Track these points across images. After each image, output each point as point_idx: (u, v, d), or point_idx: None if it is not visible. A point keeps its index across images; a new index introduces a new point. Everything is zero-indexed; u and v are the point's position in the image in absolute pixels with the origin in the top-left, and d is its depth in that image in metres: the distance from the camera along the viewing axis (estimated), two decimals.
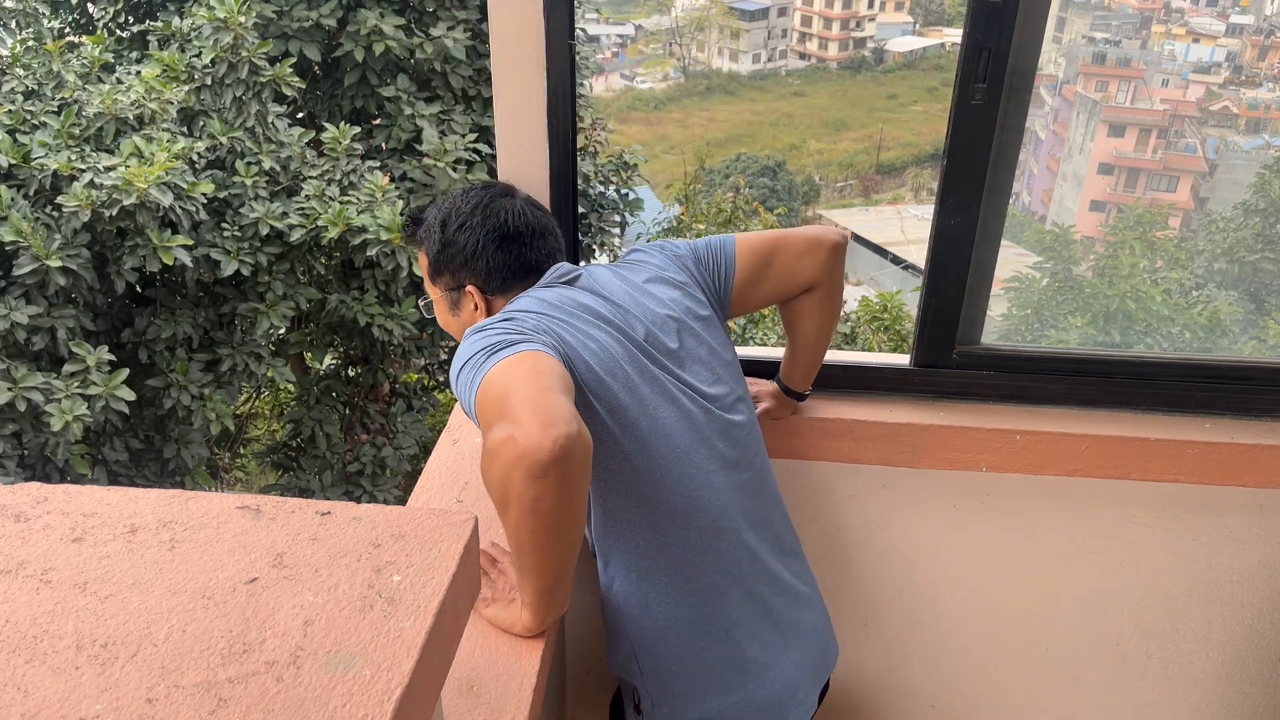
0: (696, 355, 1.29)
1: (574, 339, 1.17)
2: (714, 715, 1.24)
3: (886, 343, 7.26)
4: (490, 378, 1.05)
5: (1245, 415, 1.68)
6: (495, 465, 0.99)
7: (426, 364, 8.51)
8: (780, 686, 1.27)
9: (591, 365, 1.16)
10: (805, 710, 1.32)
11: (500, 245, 1.30)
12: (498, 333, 1.13)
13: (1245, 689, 1.91)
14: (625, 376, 1.19)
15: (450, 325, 1.38)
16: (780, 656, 1.28)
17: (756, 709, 1.25)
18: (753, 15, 19.93)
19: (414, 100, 6.44)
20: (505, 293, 1.31)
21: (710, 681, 1.23)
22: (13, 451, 5.07)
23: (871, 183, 19.31)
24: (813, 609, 1.38)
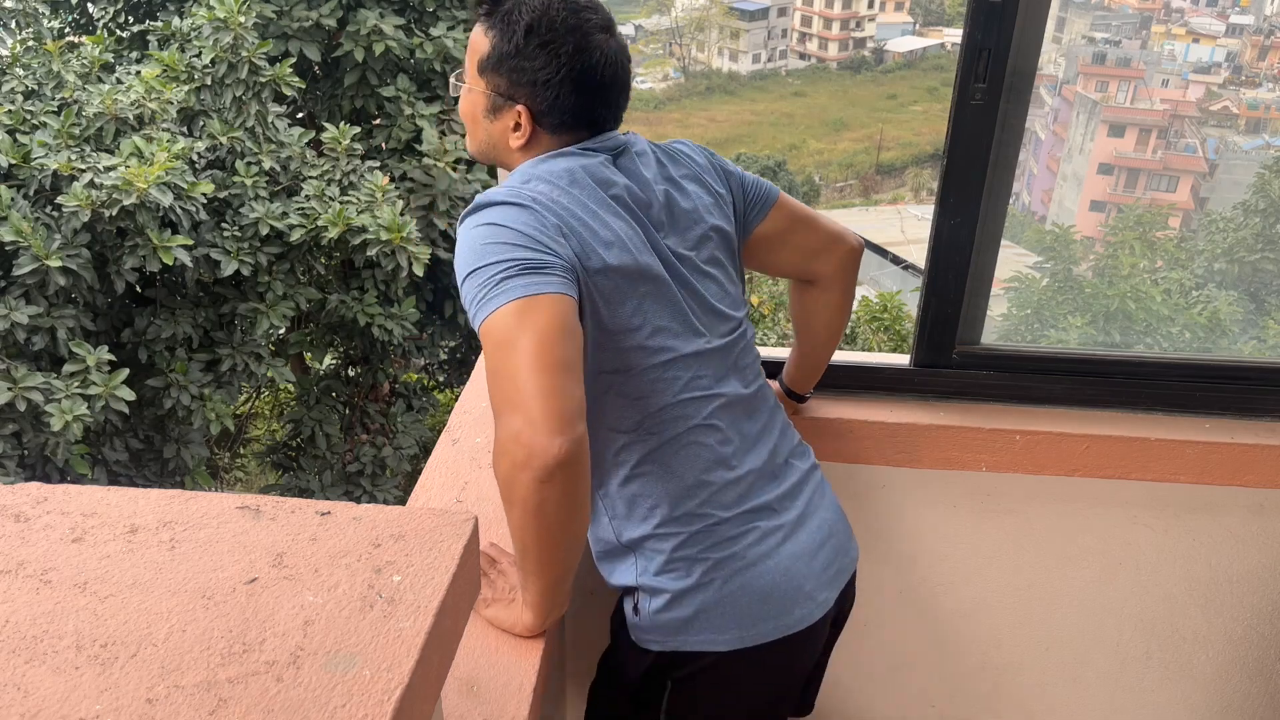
0: (710, 271, 1.23)
1: (592, 235, 1.10)
2: (710, 606, 1.18)
3: (886, 343, 7.26)
4: (502, 318, 1.00)
5: (1245, 415, 1.68)
6: (502, 463, 0.99)
7: (426, 364, 8.52)
8: (781, 577, 1.20)
9: (605, 258, 1.10)
10: (815, 606, 1.23)
11: (578, 89, 1.15)
12: (515, 237, 1.05)
13: (1245, 689, 1.91)
14: (636, 273, 1.13)
15: (475, 125, 1.22)
16: (781, 548, 1.22)
17: (756, 598, 1.19)
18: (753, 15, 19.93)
19: (414, 100, 6.44)
20: (557, 133, 1.18)
21: (705, 573, 1.18)
22: (13, 451, 5.07)
23: (871, 183, 19.32)
24: (824, 507, 1.31)
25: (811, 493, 1.31)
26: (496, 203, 1.09)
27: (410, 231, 5.67)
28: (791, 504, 1.26)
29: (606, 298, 1.11)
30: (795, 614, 1.21)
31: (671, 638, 1.19)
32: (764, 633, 1.19)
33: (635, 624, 1.22)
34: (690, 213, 1.23)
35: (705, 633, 1.18)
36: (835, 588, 1.28)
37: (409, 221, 5.70)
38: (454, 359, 8.43)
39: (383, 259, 5.70)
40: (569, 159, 1.16)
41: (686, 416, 1.18)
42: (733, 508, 1.20)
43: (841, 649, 1.92)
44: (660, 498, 1.18)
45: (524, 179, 1.13)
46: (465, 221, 1.10)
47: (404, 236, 5.62)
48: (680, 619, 1.18)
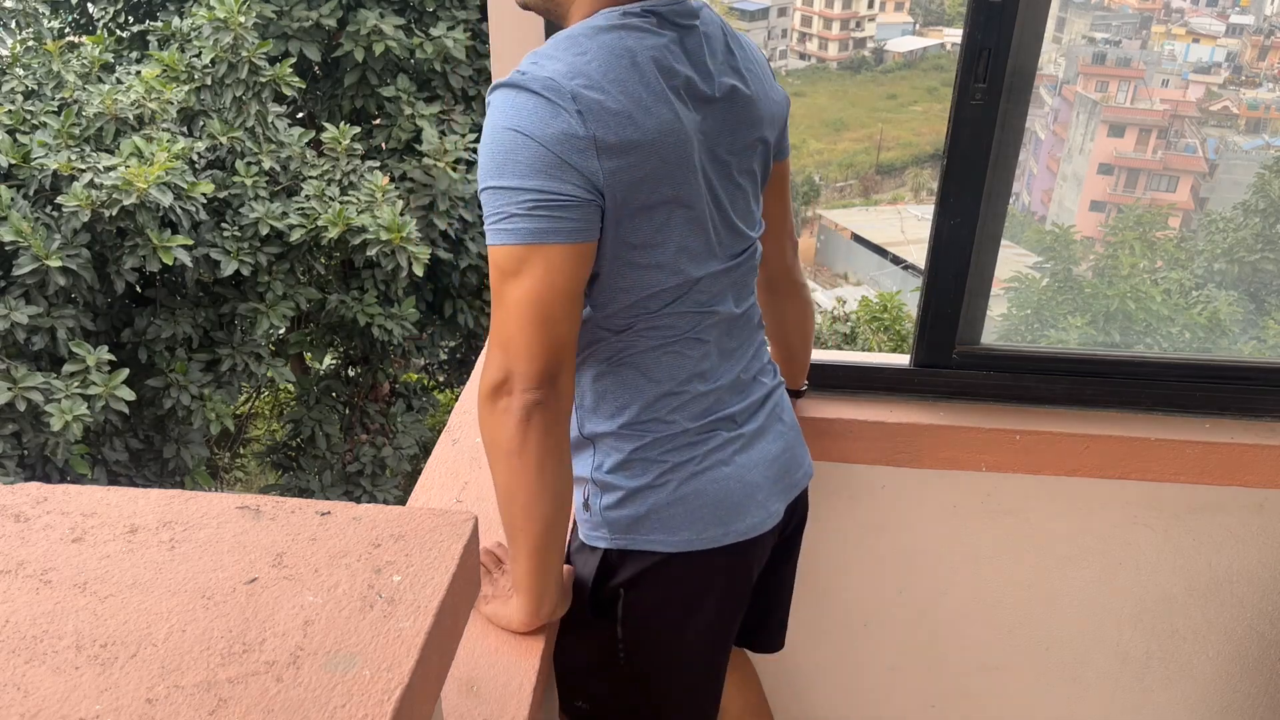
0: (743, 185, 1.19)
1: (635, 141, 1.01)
2: (661, 507, 1.17)
3: (886, 343, 7.26)
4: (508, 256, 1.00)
5: (1245, 415, 1.68)
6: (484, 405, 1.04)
7: (426, 364, 8.52)
8: (735, 484, 1.20)
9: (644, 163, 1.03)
10: (767, 516, 1.24)
11: None
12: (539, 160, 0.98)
13: (1245, 689, 1.91)
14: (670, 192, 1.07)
15: None
16: (737, 456, 1.22)
17: (708, 503, 1.18)
18: (753, 15, 19.92)
19: (414, 100, 6.45)
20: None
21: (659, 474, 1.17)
22: (13, 451, 5.07)
23: (871, 183, 19.31)
24: (781, 421, 1.31)
25: (773, 407, 1.30)
26: (532, 89, 0.99)
27: (410, 231, 5.67)
28: (753, 417, 1.26)
29: (632, 209, 1.05)
30: (746, 521, 1.21)
31: (621, 535, 1.18)
32: (714, 537, 1.19)
33: (585, 520, 1.21)
34: (746, 114, 1.15)
35: (655, 533, 1.18)
36: (786, 499, 1.29)
37: (409, 221, 5.70)
38: (454, 359, 8.43)
39: (383, 259, 5.70)
40: (632, 35, 1.04)
41: (677, 328, 1.16)
42: (699, 419, 1.19)
43: (842, 649, 1.93)
44: (630, 399, 1.17)
45: (575, 53, 1.02)
46: (497, 102, 1.01)
47: (404, 236, 5.62)
48: (631, 516, 1.17)
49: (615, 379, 1.17)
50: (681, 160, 1.07)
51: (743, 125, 1.16)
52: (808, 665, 1.94)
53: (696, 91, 1.09)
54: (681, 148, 1.06)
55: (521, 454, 1.02)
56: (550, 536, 1.09)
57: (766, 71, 1.23)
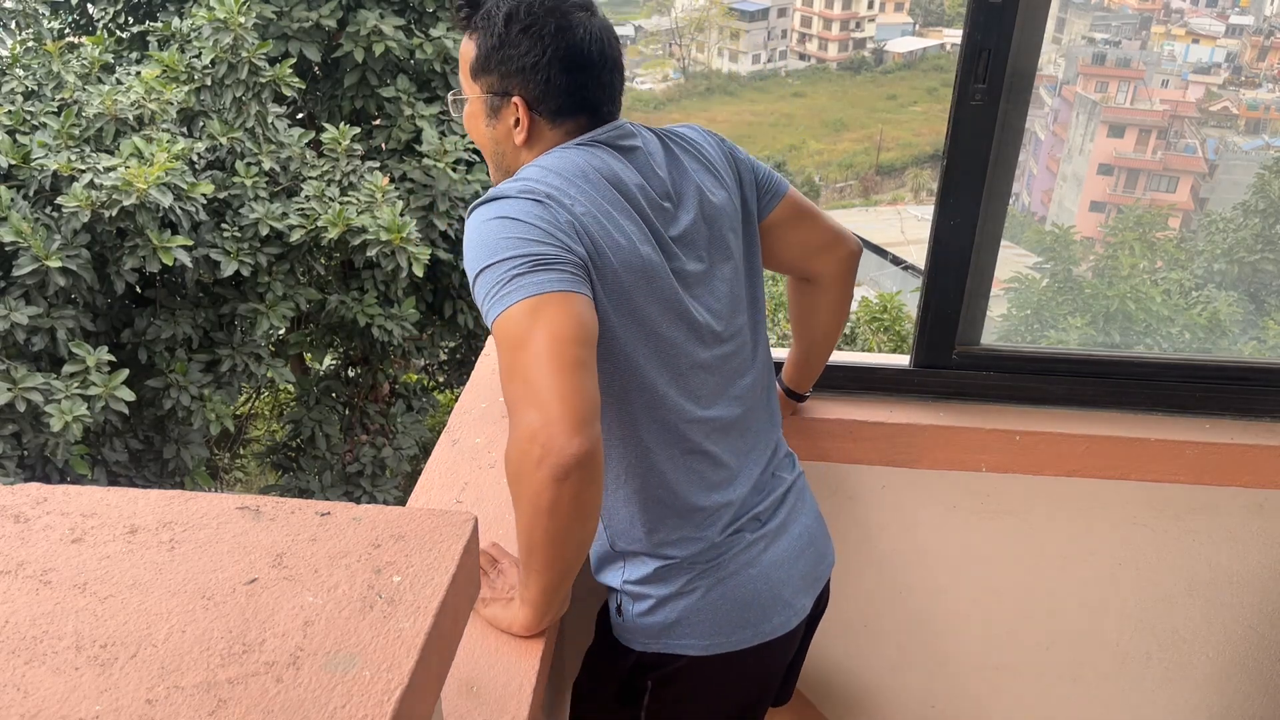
0: (718, 271, 1.21)
1: (604, 236, 1.08)
2: (691, 613, 1.20)
3: (886, 343, 7.26)
4: (515, 316, 0.99)
5: (1245, 415, 1.68)
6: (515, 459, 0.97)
7: (426, 364, 8.52)
8: (763, 585, 1.22)
9: (614, 265, 1.08)
10: (793, 614, 1.26)
11: (566, 69, 1.13)
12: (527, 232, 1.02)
13: (1245, 689, 1.91)
14: (642, 283, 1.11)
15: (480, 134, 1.21)
16: (763, 556, 1.24)
17: (736, 606, 1.21)
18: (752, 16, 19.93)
19: (414, 101, 6.44)
20: (556, 120, 1.16)
21: (688, 581, 1.20)
22: (12, 452, 5.07)
23: (871, 183, 19.32)
24: (804, 515, 1.33)
25: (795, 501, 1.33)
26: (509, 195, 1.06)
27: (410, 232, 5.67)
28: (775, 514, 1.28)
29: (615, 302, 1.09)
30: (774, 621, 1.24)
31: (654, 640, 1.21)
32: (743, 639, 1.22)
33: (619, 624, 1.24)
34: (702, 208, 1.20)
35: (686, 637, 1.20)
36: (812, 594, 1.32)
37: (409, 222, 5.70)
38: (454, 359, 8.43)
39: (383, 259, 5.70)
40: (578, 154, 1.13)
41: (686, 436, 1.18)
42: (725, 530, 1.22)
43: (842, 649, 1.93)
44: (657, 521, 1.20)
45: (537, 173, 1.10)
46: (476, 213, 1.07)
47: (404, 237, 5.62)
48: (663, 623, 1.20)
49: (642, 503, 1.19)
50: (650, 254, 1.12)
51: (700, 222, 1.20)
52: (808, 666, 1.94)
53: (647, 196, 1.15)
54: (645, 244, 1.12)
55: (553, 513, 0.98)
56: (568, 574, 1.10)
57: (716, 154, 1.27)
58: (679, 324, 1.15)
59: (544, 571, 1.08)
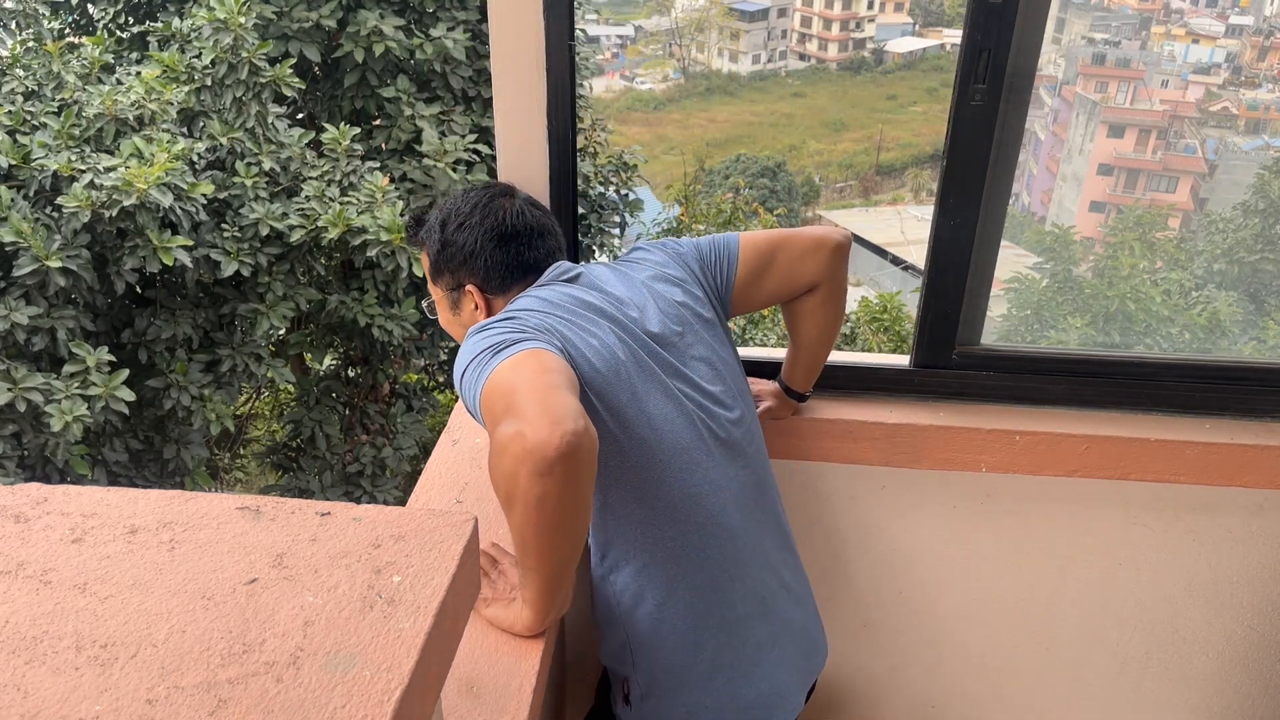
0: (696, 353, 1.29)
1: (576, 337, 1.17)
2: (699, 710, 1.25)
3: (886, 343, 7.26)
4: (495, 376, 1.06)
5: (1245, 416, 1.68)
6: (502, 461, 0.99)
7: (426, 364, 8.51)
8: (766, 686, 1.28)
9: (593, 363, 1.17)
10: (791, 710, 1.32)
11: (499, 244, 1.30)
12: (500, 331, 1.13)
13: (1245, 689, 1.91)
14: (626, 375, 1.19)
15: (452, 326, 1.39)
16: (769, 654, 1.28)
17: (743, 705, 1.26)
18: (752, 16, 19.94)
19: (414, 101, 6.44)
20: (505, 292, 1.32)
21: (699, 677, 1.24)
22: (13, 452, 5.07)
23: (871, 183, 19.32)
24: (803, 606, 1.38)
25: (798, 590, 1.38)
26: (496, 321, 1.18)
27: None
28: (774, 610, 1.32)
29: (597, 393, 1.16)
30: (775, 718, 1.30)
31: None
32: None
33: (626, 713, 1.29)
34: (664, 309, 1.29)
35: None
36: (807, 687, 1.37)
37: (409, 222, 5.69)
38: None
39: (383, 259, 5.70)
40: (531, 294, 1.27)
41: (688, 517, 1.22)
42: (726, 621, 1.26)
43: (842, 649, 1.93)
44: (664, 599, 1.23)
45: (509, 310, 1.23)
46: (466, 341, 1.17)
47: (404, 237, 5.62)
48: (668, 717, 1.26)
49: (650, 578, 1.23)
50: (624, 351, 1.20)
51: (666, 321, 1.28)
52: None
53: (609, 305, 1.25)
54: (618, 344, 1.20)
55: (541, 508, 1.00)
56: (565, 570, 1.12)
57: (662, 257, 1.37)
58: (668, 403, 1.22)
59: (540, 568, 1.09)
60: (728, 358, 1.34)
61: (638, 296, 1.29)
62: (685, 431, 1.22)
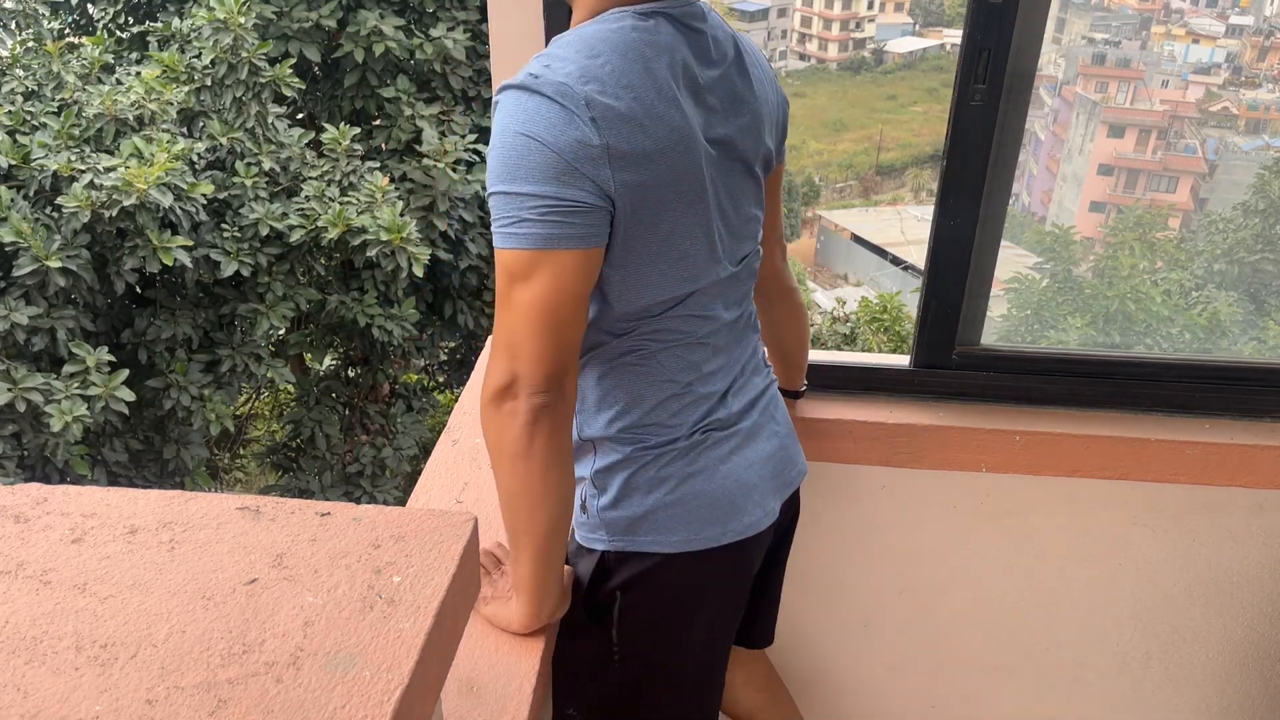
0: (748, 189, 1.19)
1: (642, 141, 1.01)
2: (660, 507, 1.17)
3: (886, 343, 7.26)
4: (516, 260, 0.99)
5: (1245, 416, 1.68)
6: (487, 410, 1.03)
7: (426, 364, 8.52)
8: (733, 484, 1.21)
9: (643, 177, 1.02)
10: (763, 515, 1.24)
11: None
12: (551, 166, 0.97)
13: (1245, 689, 1.91)
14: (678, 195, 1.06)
15: None
16: (734, 455, 1.22)
17: (706, 503, 1.19)
18: (752, 16, 19.92)
19: (414, 101, 6.45)
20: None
21: (656, 474, 1.18)
22: (12, 452, 5.08)
23: (871, 183, 19.31)
24: (776, 420, 1.31)
25: (765, 405, 1.30)
26: (546, 95, 0.98)
27: (410, 232, 5.67)
28: (746, 414, 1.26)
29: (640, 217, 1.04)
30: (744, 520, 1.21)
31: (619, 536, 1.18)
32: (712, 537, 1.19)
33: (582, 522, 1.21)
34: (753, 119, 1.15)
35: (652, 534, 1.18)
36: (781, 496, 1.29)
37: (409, 222, 5.70)
38: (454, 360, 8.43)
39: (383, 260, 5.70)
40: (638, 29, 1.03)
41: (678, 332, 1.16)
42: (697, 424, 1.19)
43: (842, 649, 1.93)
44: (632, 403, 1.16)
45: (589, 53, 1.01)
46: (507, 106, 1.00)
47: (404, 237, 5.62)
48: (628, 518, 1.17)
49: (617, 382, 1.16)
50: (690, 167, 1.06)
51: (749, 131, 1.16)
52: (807, 665, 1.94)
53: (706, 96, 1.09)
54: (690, 154, 1.06)
55: (527, 458, 1.02)
56: (553, 539, 1.09)
57: (770, 75, 1.23)
58: (703, 238, 1.11)
59: (529, 534, 1.07)
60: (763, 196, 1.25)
61: (740, 91, 1.14)
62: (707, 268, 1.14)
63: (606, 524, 1.18)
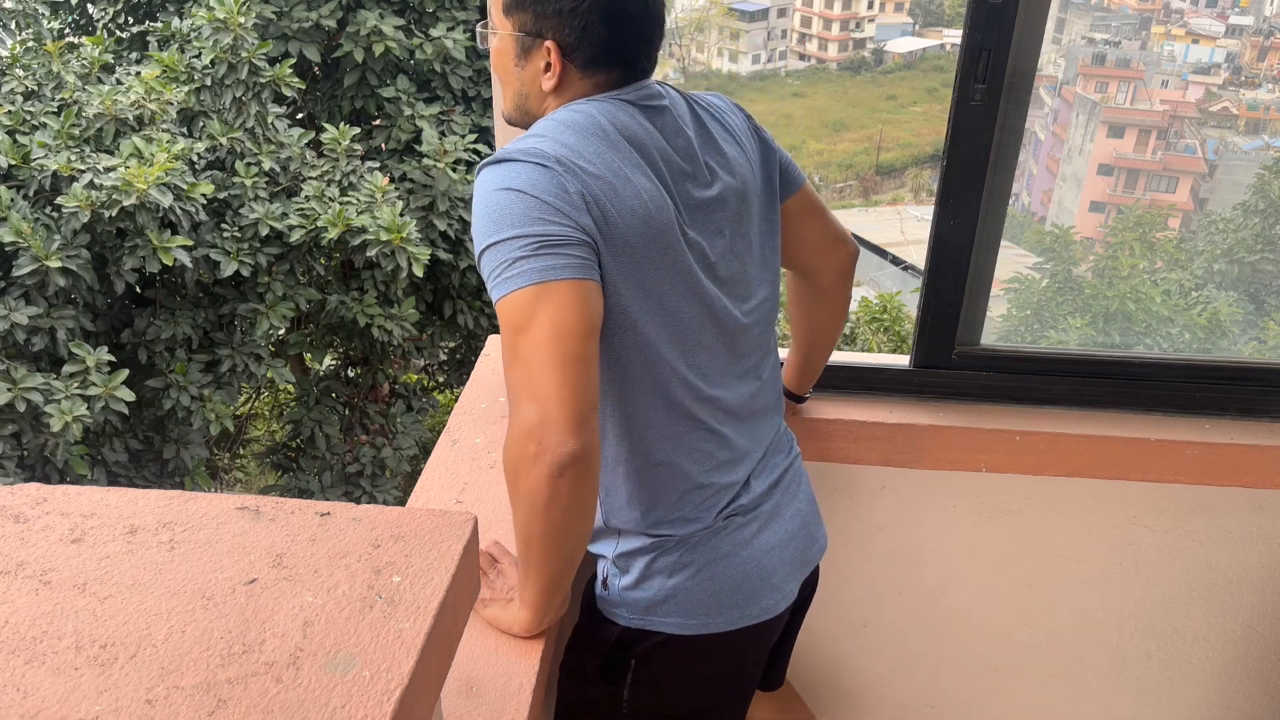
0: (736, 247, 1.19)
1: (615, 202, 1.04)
2: (679, 591, 1.19)
3: (886, 343, 7.25)
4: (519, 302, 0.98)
5: (1245, 415, 1.68)
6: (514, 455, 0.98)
7: (426, 364, 8.52)
8: (753, 568, 1.21)
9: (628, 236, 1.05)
10: (781, 598, 1.25)
11: (607, 18, 1.08)
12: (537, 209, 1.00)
13: (1245, 689, 1.90)
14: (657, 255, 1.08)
15: (506, 71, 1.16)
16: (756, 539, 1.23)
17: (725, 588, 1.20)
18: (752, 16, 19.91)
19: (414, 101, 6.44)
20: (586, 71, 1.11)
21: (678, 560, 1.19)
22: (12, 452, 5.07)
23: (871, 183, 19.31)
24: (799, 499, 1.32)
25: (790, 483, 1.31)
26: (519, 159, 1.03)
27: (410, 232, 5.67)
28: (768, 497, 1.26)
29: (624, 272, 1.06)
30: (761, 604, 1.23)
31: (639, 615, 1.20)
32: (730, 620, 1.20)
33: (604, 597, 1.22)
34: (725, 177, 1.17)
35: (672, 615, 1.19)
36: (800, 578, 1.31)
37: (409, 222, 5.69)
38: (454, 360, 8.43)
39: (382, 259, 5.69)
40: (599, 109, 1.09)
41: (694, 414, 1.16)
42: (720, 512, 1.21)
43: (842, 649, 1.93)
44: (657, 498, 1.18)
45: (553, 128, 1.07)
46: (484, 176, 1.04)
47: (404, 237, 5.62)
48: (649, 599, 1.19)
49: (642, 482, 1.18)
50: (664, 226, 1.09)
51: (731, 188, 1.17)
52: (807, 665, 1.94)
53: (668, 158, 1.12)
54: (663, 214, 1.09)
55: (547, 510, 0.99)
56: (566, 571, 1.11)
57: (741, 125, 1.24)
58: (692, 299, 1.13)
59: (542, 568, 1.08)
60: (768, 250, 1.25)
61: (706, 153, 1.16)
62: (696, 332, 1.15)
63: (627, 604, 1.20)
